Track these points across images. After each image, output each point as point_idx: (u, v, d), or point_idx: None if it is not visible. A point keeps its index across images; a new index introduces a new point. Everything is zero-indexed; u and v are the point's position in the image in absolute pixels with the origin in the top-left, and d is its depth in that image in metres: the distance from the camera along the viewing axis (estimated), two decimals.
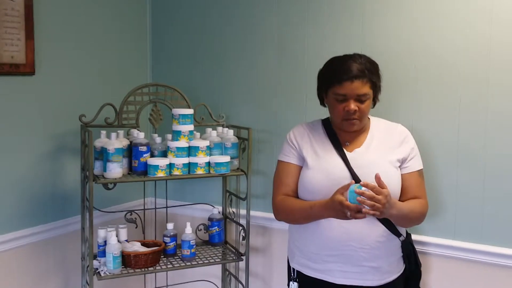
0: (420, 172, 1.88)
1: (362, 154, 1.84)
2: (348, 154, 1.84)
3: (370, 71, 1.79)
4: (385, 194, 1.64)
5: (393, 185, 1.79)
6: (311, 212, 1.80)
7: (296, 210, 1.87)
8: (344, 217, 1.67)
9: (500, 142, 2.01)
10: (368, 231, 1.78)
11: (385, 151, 1.84)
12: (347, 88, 1.76)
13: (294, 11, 2.40)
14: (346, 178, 1.78)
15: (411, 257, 1.89)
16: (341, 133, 1.89)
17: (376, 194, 1.62)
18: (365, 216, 1.64)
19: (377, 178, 1.66)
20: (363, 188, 1.62)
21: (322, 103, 1.94)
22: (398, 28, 2.17)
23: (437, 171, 2.11)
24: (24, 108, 2.21)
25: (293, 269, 1.95)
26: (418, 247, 2.01)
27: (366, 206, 1.62)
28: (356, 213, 1.64)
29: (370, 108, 1.85)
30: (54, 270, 2.38)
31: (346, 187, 1.67)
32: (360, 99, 1.77)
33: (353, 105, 1.77)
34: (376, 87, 1.83)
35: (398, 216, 1.76)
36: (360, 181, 1.74)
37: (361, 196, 1.61)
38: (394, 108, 2.16)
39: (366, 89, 1.77)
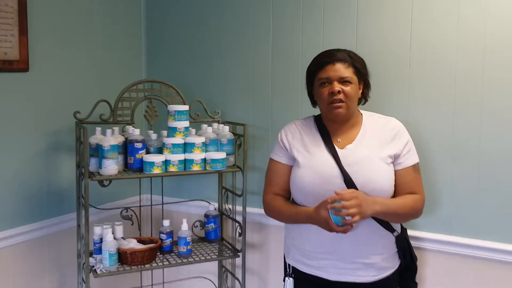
0: (415, 166, 1.86)
1: (353, 150, 1.82)
2: (339, 151, 1.82)
3: (353, 59, 1.83)
4: (354, 195, 1.67)
5: (384, 182, 1.79)
6: (297, 218, 1.84)
7: (282, 213, 1.91)
8: (330, 230, 1.71)
9: (495, 137, 2.01)
10: (361, 227, 1.78)
11: (377, 147, 1.82)
12: (329, 71, 1.80)
13: (288, 8, 2.39)
14: (337, 176, 1.78)
15: (406, 252, 1.89)
16: (333, 129, 1.88)
17: (346, 200, 1.65)
18: (351, 228, 1.69)
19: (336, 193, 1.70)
20: (335, 204, 1.66)
21: (313, 101, 1.95)
22: (394, 23, 2.16)
23: (433, 167, 2.11)
24: (18, 105, 2.20)
25: (289, 265, 1.95)
26: (414, 243, 2.01)
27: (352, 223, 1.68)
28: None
29: (358, 98, 1.86)
30: (50, 268, 2.37)
31: (328, 201, 1.69)
32: (343, 81, 1.79)
33: (337, 87, 1.78)
34: (360, 74, 1.84)
35: (385, 212, 1.76)
36: (351, 179, 1.76)
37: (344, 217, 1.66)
38: (389, 103, 2.16)
39: (348, 73, 1.80)
